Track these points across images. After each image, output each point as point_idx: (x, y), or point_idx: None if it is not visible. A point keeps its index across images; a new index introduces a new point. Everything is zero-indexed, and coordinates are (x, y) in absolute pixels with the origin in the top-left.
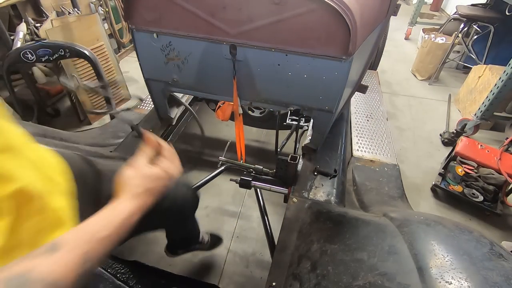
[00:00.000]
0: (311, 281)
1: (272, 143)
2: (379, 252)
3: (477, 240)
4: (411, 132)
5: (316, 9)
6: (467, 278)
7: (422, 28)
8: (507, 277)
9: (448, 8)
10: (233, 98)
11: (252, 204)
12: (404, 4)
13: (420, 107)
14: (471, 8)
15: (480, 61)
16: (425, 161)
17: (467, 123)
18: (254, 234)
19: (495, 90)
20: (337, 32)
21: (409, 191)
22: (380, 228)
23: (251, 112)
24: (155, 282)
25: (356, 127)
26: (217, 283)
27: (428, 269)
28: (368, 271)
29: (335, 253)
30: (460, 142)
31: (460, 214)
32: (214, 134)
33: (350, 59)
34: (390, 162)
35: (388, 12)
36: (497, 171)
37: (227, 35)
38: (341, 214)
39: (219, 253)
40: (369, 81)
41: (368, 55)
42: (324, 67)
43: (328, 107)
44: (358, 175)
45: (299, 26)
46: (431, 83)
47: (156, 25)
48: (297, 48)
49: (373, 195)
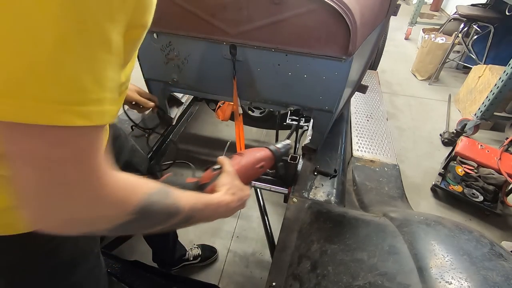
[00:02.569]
0: (311, 281)
1: (272, 143)
2: (379, 252)
3: (477, 240)
4: (411, 132)
5: (316, 9)
6: (467, 278)
7: (422, 28)
8: (507, 277)
9: (448, 8)
10: (233, 98)
11: (252, 204)
12: (404, 4)
13: (420, 107)
14: (471, 8)
15: (480, 61)
16: (425, 161)
17: (467, 123)
18: (254, 234)
19: (495, 90)
20: (337, 32)
21: (409, 191)
22: (380, 228)
23: (251, 112)
24: (155, 282)
25: (356, 127)
26: (217, 283)
27: (428, 269)
28: (368, 271)
29: (335, 253)
30: (460, 142)
31: (460, 214)
32: (214, 134)
33: (350, 59)
34: (390, 162)
35: (388, 12)
36: (497, 171)
37: (227, 35)
38: (341, 214)
39: (219, 253)
40: (369, 81)
41: (368, 55)
42: (324, 67)
43: (328, 107)
44: (358, 175)
45: (299, 26)
46: (431, 83)
47: (156, 25)
48: (297, 48)
49: (373, 195)
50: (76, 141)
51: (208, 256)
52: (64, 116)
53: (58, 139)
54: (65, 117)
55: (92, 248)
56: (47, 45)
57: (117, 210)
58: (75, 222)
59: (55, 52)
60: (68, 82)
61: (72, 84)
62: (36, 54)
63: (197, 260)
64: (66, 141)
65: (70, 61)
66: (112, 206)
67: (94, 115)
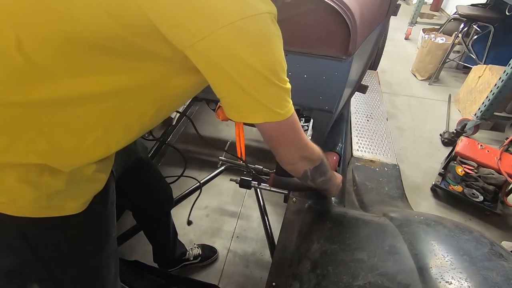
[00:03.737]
0: (311, 281)
1: None
2: (379, 252)
3: (477, 240)
4: (411, 132)
5: (316, 9)
6: (467, 278)
7: (422, 28)
8: (507, 277)
9: (448, 8)
10: None
11: (252, 204)
12: (404, 4)
13: (420, 107)
14: (471, 8)
15: (480, 61)
16: (425, 161)
17: (467, 123)
18: (254, 234)
19: (495, 90)
20: (337, 32)
21: (409, 191)
22: (380, 228)
23: None
24: (155, 282)
25: (356, 127)
26: (217, 283)
27: (428, 269)
28: (368, 271)
29: (335, 253)
30: (460, 142)
31: (460, 214)
32: (214, 134)
33: (350, 59)
34: (390, 162)
35: (388, 12)
36: (497, 171)
37: None
38: (341, 214)
39: (219, 253)
40: (369, 81)
41: (368, 55)
42: (324, 67)
43: (328, 107)
44: (358, 175)
45: (299, 26)
46: (431, 83)
47: None
48: (297, 48)
49: (373, 195)
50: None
51: (208, 256)
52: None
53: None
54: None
55: (111, 232)
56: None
57: (314, 155)
58: (302, 159)
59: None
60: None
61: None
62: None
63: (197, 260)
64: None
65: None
66: (314, 151)
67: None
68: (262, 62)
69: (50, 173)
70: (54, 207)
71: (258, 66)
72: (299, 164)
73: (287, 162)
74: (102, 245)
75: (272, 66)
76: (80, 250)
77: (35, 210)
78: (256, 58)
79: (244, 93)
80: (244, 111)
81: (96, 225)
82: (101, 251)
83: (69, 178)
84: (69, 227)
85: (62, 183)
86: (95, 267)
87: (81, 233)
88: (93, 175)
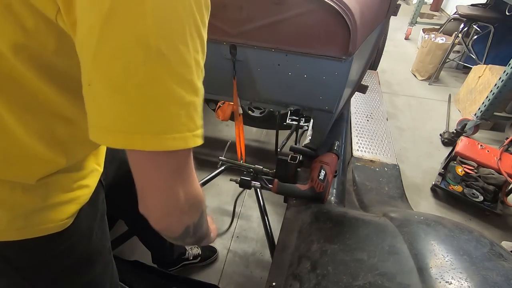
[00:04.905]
0: (311, 281)
1: (272, 143)
2: (379, 252)
3: (477, 240)
4: (411, 132)
5: (316, 9)
6: (467, 278)
7: (422, 28)
8: (507, 277)
9: (448, 8)
10: (233, 98)
11: (252, 204)
12: (404, 4)
13: (420, 107)
14: (471, 8)
15: (480, 61)
16: (425, 161)
17: (467, 123)
18: (254, 234)
19: (495, 90)
20: (337, 32)
21: (409, 191)
22: (380, 228)
23: (251, 112)
24: (155, 282)
25: (356, 127)
26: (217, 283)
27: (428, 269)
28: (368, 271)
29: (335, 253)
30: (460, 142)
31: (460, 214)
32: (214, 134)
33: (350, 59)
34: (390, 162)
35: (388, 12)
36: (497, 171)
37: (227, 35)
38: (341, 214)
39: (219, 253)
40: (369, 81)
41: (368, 55)
42: (324, 67)
43: (328, 107)
44: (358, 175)
45: (299, 26)
46: (431, 83)
47: None
48: (297, 48)
49: (373, 195)
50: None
51: (208, 256)
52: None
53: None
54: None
55: (104, 244)
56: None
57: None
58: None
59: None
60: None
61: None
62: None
63: (197, 260)
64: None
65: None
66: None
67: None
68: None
69: (23, 190)
70: (33, 227)
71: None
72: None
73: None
74: (94, 258)
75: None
76: (71, 267)
77: (12, 232)
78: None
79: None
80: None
81: (86, 239)
82: (95, 265)
83: (45, 193)
84: (55, 245)
85: (38, 199)
86: (90, 281)
87: (70, 249)
88: (74, 186)
